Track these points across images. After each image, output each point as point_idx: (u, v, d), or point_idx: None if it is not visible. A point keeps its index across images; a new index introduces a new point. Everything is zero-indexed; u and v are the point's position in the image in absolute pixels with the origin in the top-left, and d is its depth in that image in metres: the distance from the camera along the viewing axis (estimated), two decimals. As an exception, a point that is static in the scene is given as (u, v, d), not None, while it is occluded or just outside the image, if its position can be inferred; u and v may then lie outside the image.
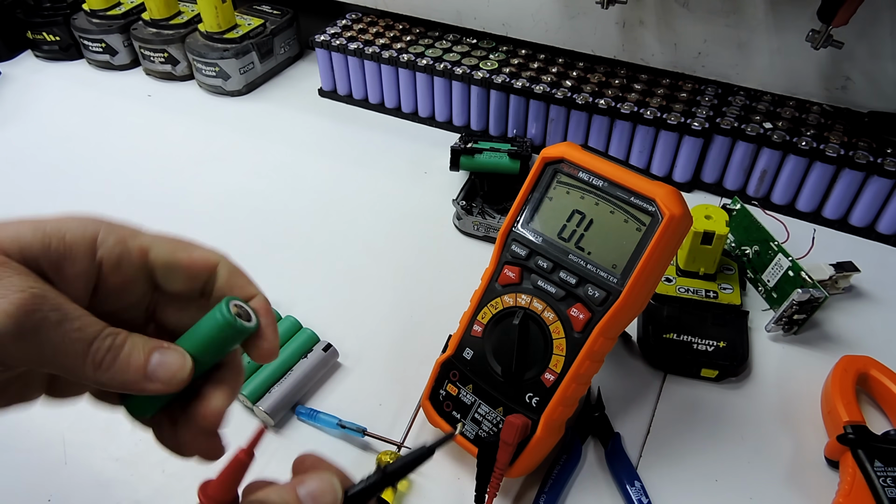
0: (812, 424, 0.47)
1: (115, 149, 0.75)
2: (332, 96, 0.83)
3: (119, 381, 0.26)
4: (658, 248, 0.39)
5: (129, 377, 0.26)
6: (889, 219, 0.61)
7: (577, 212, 0.42)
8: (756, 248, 0.56)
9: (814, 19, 0.56)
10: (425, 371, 0.46)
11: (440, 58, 0.74)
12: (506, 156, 0.64)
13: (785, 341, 0.53)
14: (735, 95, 0.69)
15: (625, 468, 0.44)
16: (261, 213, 0.66)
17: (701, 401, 0.49)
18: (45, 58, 0.91)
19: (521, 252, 0.43)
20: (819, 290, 0.50)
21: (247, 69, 0.83)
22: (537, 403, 0.41)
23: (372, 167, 0.72)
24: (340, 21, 0.82)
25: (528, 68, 0.73)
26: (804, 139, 0.62)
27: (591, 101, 0.67)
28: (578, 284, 0.41)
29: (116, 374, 0.25)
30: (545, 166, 0.43)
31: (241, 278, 0.29)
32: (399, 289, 0.58)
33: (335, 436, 0.47)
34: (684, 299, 0.53)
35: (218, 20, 0.80)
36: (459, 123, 0.77)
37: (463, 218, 0.62)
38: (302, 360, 0.49)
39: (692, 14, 0.66)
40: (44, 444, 0.47)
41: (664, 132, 0.66)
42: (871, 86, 0.63)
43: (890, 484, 0.41)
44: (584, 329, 0.40)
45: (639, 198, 0.40)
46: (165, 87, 0.86)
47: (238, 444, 0.27)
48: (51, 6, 0.89)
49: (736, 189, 0.67)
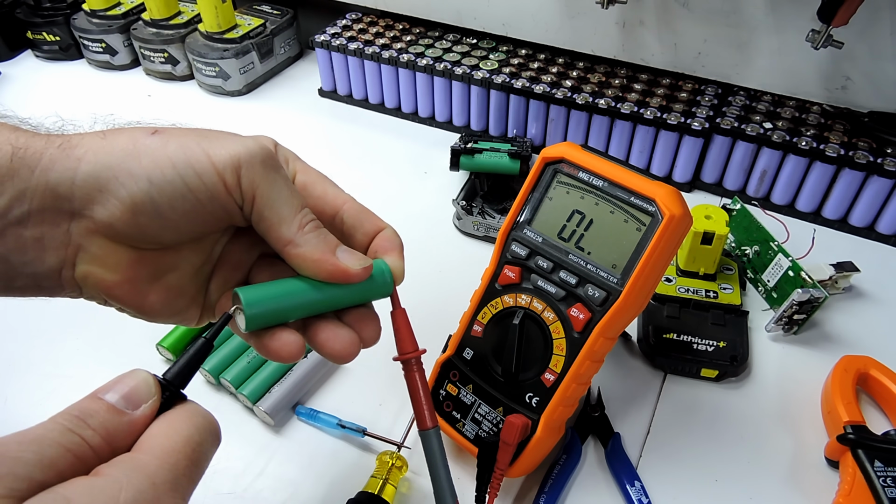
0: (812, 424, 0.47)
1: (115, 149, 0.75)
2: (332, 96, 0.83)
3: (312, 251, 0.30)
4: (658, 247, 0.39)
5: (322, 253, 0.30)
6: (889, 219, 0.61)
7: (577, 212, 0.42)
8: (756, 248, 0.56)
9: (814, 19, 0.56)
10: (425, 371, 0.46)
11: (440, 58, 0.74)
12: (506, 156, 0.64)
13: (785, 341, 0.53)
14: (735, 95, 0.69)
15: (625, 468, 0.44)
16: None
17: (701, 401, 0.49)
18: (45, 58, 0.91)
19: (521, 252, 0.43)
20: (819, 290, 0.50)
21: (247, 69, 0.83)
22: (537, 403, 0.41)
23: (372, 167, 0.72)
24: (340, 21, 0.82)
25: (528, 68, 0.73)
26: (804, 139, 0.62)
27: (591, 101, 0.67)
28: (578, 284, 0.41)
29: (313, 243, 0.30)
30: (545, 166, 0.43)
31: (368, 214, 0.34)
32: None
33: (335, 436, 0.47)
34: (684, 299, 0.53)
35: (218, 20, 0.80)
36: (459, 123, 0.77)
37: (463, 218, 0.62)
38: (302, 360, 0.49)
39: (692, 14, 0.66)
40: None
41: (664, 132, 0.66)
42: (871, 86, 0.63)
43: (890, 484, 0.41)
44: (585, 329, 0.40)
45: (639, 198, 0.40)
46: (165, 87, 0.86)
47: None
48: (51, 6, 0.89)
49: (736, 189, 0.67)
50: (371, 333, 0.33)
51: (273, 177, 0.30)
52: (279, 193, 0.30)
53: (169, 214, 0.29)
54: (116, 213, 0.28)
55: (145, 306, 0.31)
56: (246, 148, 0.29)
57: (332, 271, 0.30)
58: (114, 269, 0.30)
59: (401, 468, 0.43)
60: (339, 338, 0.31)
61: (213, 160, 0.29)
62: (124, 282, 0.30)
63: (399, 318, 0.34)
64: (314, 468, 0.45)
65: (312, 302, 0.31)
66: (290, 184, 0.31)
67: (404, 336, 0.34)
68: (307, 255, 0.30)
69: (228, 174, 0.29)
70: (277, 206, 0.30)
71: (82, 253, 0.29)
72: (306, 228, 0.30)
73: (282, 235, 0.30)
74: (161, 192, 0.28)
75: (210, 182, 0.29)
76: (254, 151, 0.30)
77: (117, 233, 0.29)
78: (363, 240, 0.34)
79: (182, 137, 0.29)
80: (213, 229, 0.32)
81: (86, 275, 0.30)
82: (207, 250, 0.33)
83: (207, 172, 0.29)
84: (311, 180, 0.34)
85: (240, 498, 0.44)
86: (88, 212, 0.29)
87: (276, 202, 0.30)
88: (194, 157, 0.29)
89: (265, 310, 0.30)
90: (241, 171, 0.29)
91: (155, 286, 0.31)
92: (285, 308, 0.30)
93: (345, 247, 0.32)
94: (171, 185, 0.28)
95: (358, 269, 0.31)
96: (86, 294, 0.31)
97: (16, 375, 0.51)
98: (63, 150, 0.29)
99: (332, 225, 0.34)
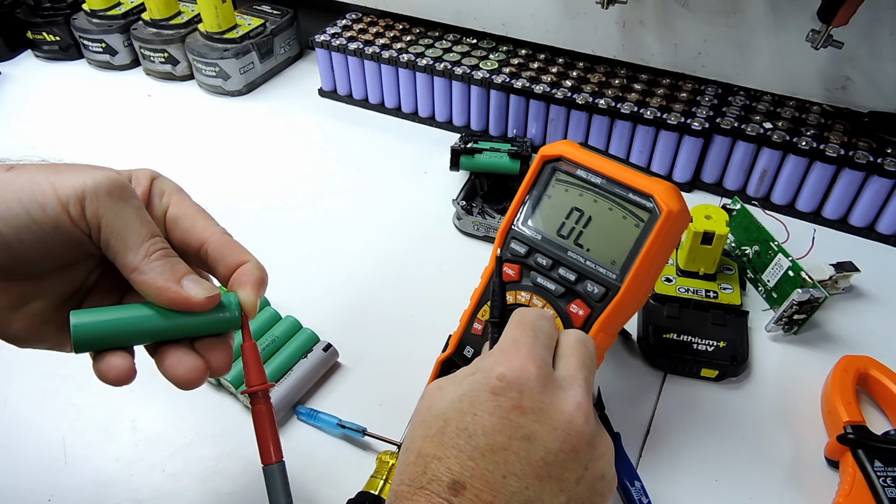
0: (812, 424, 0.47)
1: (114, 149, 0.75)
2: (332, 96, 0.83)
3: (155, 278, 0.31)
4: (656, 243, 0.39)
5: (165, 280, 0.31)
6: (889, 219, 0.61)
7: (575, 209, 0.42)
8: (756, 248, 0.56)
9: (814, 19, 0.56)
10: (425, 371, 0.46)
11: (440, 58, 0.74)
12: (506, 156, 0.64)
13: (785, 341, 0.53)
14: (735, 95, 0.69)
15: (625, 468, 0.44)
16: (261, 212, 0.66)
17: (701, 401, 0.49)
18: (45, 58, 0.91)
19: (520, 250, 0.43)
20: (819, 290, 0.50)
21: (247, 69, 0.83)
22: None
23: (372, 167, 0.72)
24: (340, 21, 0.82)
25: (528, 68, 0.73)
26: (804, 139, 0.62)
27: (591, 101, 0.67)
28: (578, 281, 0.41)
29: (157, 271, 0.31)
30: (544, 164, 0.44)
31: (232, 247, 0.35)
32: (399, 289, 0.58)
33: (335, 436, 0.47)
34: (684, 299, 0.53)
35: (218, 20, 0.80)
36: (459, 123, 0.77)
37: (463, 218, 0.62)
38: (302, 360, 0.49)
39: (692, 14, 0.66)
40: (44, 443, 0.47)
41: (664, 132, 0.66)
42: (871, 86, 0.63)
43: (890, 484, 0.41)
44: (584, 325, 0.40)
45: (637, 194, 0.40)
46: (165, 87, 0.86)
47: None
48: (51, 6, 0.89)
49: (736, 189, 0.67)
50: (220, 363, 0.33)
51: (119, 206, 0.31)
52: (125, 222, 0.31)
53: (17, 246, 0.30)
54: None
55: (9, 334, 0.33)
56: (93, 179, 0.31)
57: (174, 298, 0.31)
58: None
59: (400, 468, 0.43)
60: (184, 364, 0.32)
61: (58, 192, 0.30)
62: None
63: (248, 352, 0.34)
64: (314, 468, 0.45)
65: (153, 329, 0.32)
66: (140, 213, 0.32)
67: (252, 369, 0.34)
68: (150, 282, 0.31)
69: (72, 205, 0.30)
70: (123, 234, 0.31)
71: None
72: (153, 256, 0.31)
73: (127, 262, 0.31)
74: (7, 224, 0.30)
75: (53, 213, 0.30)
76: (100, 182, 0.31)
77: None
78: (225, 272, 0.34)
79: (34, 172, 0.31)
80: (72, 258, 0.33)
81: None
82: (80, 278, 0.35)
83: (51, 204, 0.30)
84: (182, 213, 0.35)
85: (240, 498, 0.44)
86: None
87: (121, 231, 0.31)
88: (40, 190, 0.30)
89: (93, 333, 0.31)
90: (84, 202, 0.30)
91: (17, 314, 0.32)
92: (117, 333, 0.31)
93: (194, 276, 0.32)
94: (17, 218, 0.30)
95: (201, 298, 0.32)
96: None
97: (16, 375, 0.51)
98: None
99: (197, 257, 0.34)
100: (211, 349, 0.33)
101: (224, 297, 0.33)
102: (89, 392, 0.50)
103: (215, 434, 0.47)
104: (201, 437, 0.47)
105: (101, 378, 0.31)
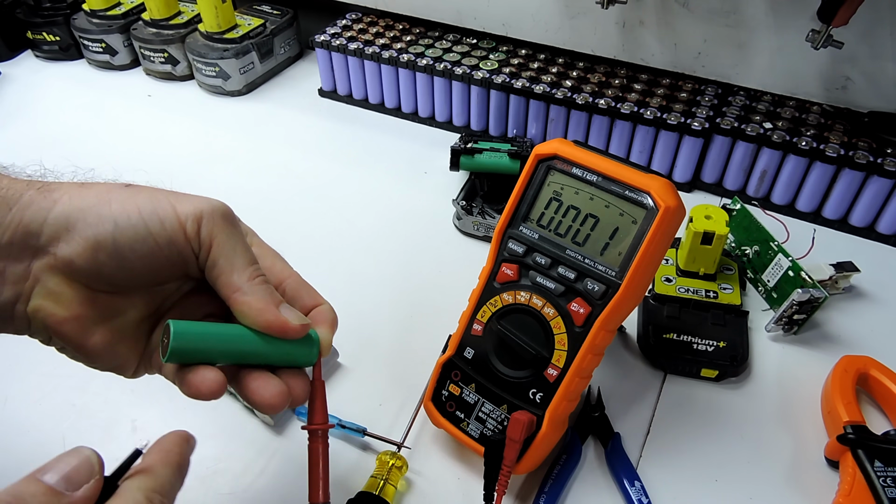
0: (812, 424, 0.47)
1: (115, 149, 0.75)
2: (332, 96, 0.83)
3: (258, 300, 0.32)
4: (655, 239, 0.39)
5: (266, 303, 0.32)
6: (889, 219, 0.61)
7: (572, 207, 0.42)
8: (756, 248, 0.56)
9: (814, 19, 0.56)
10: (425, 371, 0.46)
11: (440, 58, 0.74)
12: (506, 156, 0.64)
13: (785, 341, 0.53)
14: (735, 95, 0.69)
15: (625, 468, 0.44)
16: (260, 213, 0.66)
17: (701, 401, 0.49)
18: (45, 58, 0.91)
19: (518, 249, 0.43)
20: (819, 290, 0.50)
21: (247, 69, 0.83)
22: (541, 399, 0.41)
23: (372, 167, 0.72)
24: (340, 21, 0.82)
25: (528, 68, 0.73)
26: (804, 139, 0.62)
27: (591, 101, 0.67)
28: (577, 279, 0.41)
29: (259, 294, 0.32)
30: (538, 163, 0.43)
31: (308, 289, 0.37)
32: (399, 289, 0.58)
33: (335, 436, 0.47)
34: (684, 299, 0.53)
35: (218, 20, 0.80)
36: (459, 123, 0.77)
37: (463, 218, 0.62)
38: (302, 360, 0.49)
39: (692, 14, 0.66)
40: (44, 443, 0.47)
41: (664, 132, 0.66)
42: (871, 86, 0.63)
43: (890, 484, 0.41)
44: (585, 323, 0.40)
45: (633, 191, 0.40)
46: (165, 87, 0.86)
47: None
48: (51, 6, 0.89)
49: (736, 189, 0.67)
50: (300, 392, 0.34)
51: (231, 230, 0.33)
52: (234, 245, 0.33)
53: (127, 255, 0.31)
54: (78, 249, 0.31)
55: (88, 346, 0.33)
56: (209, 203, 0.33)
57: (271, 321, 0.32)
58: (65, 306, 0.32)
59: (401, 468, 0.43)
60: (270, 387, 0.33)
61: (178, 210, 0.32)
62: (72, 318, 0.32)
63: (318, 389, 0.36)
64: (314, 468, 0.45)
65: (245, 349, 0.33)
66: (245, 241, 0.34)
67: (318, 407, 0.36)
68: (252, 302, 0.32)
69: (190, 223, 0.32)
70: (231, 255, 0.33)
71: (38, 287, 0.31)
72: (256, 280, 0.33)
73: (232, 282, 0.32)
74: (123, 233, 0.31)
75: (171, 228, 0.32)
76: (216, 206, 0.33)
77: (75, 270, 0.31)
78: (301, 311, 0.36)
79: (153, 192, 0.33)
80: (167, 278, 0.34)
81: (37, 309, 0.31)
82: (158, 302, 0.35)
83: (170, 219, 0.32)
84: (262, 253, 0.37)
85: (240, 498, 0.44)
86: (52, 248, 0.31)
87: (230, 252, 0.33)
88: (160, 206, 0.32)
89: (191, 344, 0.31)
90: (202, 222, 0.32)
91: (101, 327, 0.33)
92: (212, 347, 0.32)
93: (288, 304, 0.34)
94: (134, 228, 0.31)
95: (296, 325, 0.33)
96: (33, 329, 0.33)
97: (16, 375, 0.51)
98: (42, 192, 0.31)
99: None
100: (291, 378, 0.34)
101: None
102: (89, 392, 0.50)
103: (215, 434, 0.47)
104: (201, 438, 0.47)
105: (191, 391, 0.31)
